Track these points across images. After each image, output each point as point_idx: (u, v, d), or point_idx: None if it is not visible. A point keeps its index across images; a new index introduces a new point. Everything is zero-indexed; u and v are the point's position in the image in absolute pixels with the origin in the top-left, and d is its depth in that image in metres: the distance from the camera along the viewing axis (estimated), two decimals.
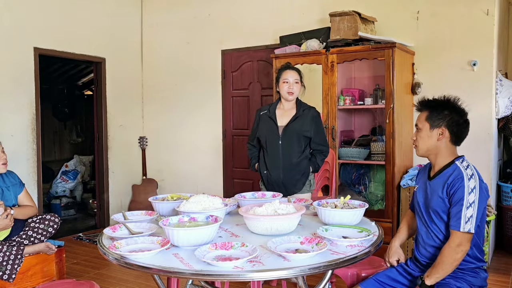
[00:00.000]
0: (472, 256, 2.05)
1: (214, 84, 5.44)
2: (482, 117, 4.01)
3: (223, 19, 5.35)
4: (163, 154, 5.90)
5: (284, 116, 3.23)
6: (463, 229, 1.92)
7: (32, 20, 4.70)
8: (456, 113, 2.07)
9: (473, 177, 1.99)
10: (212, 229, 1.94)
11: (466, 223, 1.92)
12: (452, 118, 2.06)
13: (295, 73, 3.18)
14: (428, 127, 2.09)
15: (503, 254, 4.31)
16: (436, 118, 2.07)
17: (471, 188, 1.96)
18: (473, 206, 1.94)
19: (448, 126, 2.06)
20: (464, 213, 1.93)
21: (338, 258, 1.81)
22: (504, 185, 4.29)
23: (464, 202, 1.94)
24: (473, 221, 1.92)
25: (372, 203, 4.17)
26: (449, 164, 2.08)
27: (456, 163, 2.06)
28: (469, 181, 1.97)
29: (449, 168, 2.07)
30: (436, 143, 2.09)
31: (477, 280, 2.05)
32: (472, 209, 1.93)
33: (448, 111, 2.07)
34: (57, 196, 6.51)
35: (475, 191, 1.95)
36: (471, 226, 1.92)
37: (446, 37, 4.13)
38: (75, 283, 2.48)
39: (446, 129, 2.06)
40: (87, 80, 7.89)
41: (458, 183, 1.98)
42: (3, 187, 3.14)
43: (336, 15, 4.09)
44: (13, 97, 4.54)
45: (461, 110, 2.09)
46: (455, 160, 2.08)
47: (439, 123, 2.06)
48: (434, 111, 2.08)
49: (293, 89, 3.15)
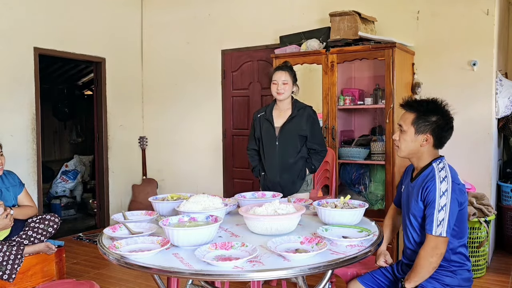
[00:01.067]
0: (448, 259, 2.03)
1: (214, 84, 5.44)
2: (482, 117, 4.02)
3: (223, 19, 5.34)
4: (163, 154, 5.90)
5: (280, 117, 3.24)
6: (435, 233, 1.91)
7: (32, 20, 4.70)
8: (443, 119, 2.03)
9: (445, 179, 1.96)
10: (212, 229, 1.94)
11: (438, 227, 1.91)
12: (439, 124, 2.02)
13: (284, 74, 3.19)
14: (413, 131, 2.05)
15: (503, 254, 4.31)
16: (423, 124, 2.03)
17: (442, 191, 1.93)
18: (444, 209, 1.91)
19: (433, 132, 2.03)
20: (436, 217, 1.91)
21: (338, 258, 1.81)
22: (504, 185, 4.29)
23: (435, 205, 1.93)
24: (444, 225, 1.90)
25: (372, 203, 4.16)
26: (427, 165, 2.07)
27: (433, 165, 2.04)
28: (441, 184, 1.95)
29: (426, 170, 2.06)
30: (419, 148, 2.07)
31: (454, 280, 2.03)
32: (444, 212, 1.91)
33: (435, 117, 2.03)
34: (57, 196, 6.51)
35: (447, 194, 1.93)
36: (442, 229, 1.90)
37: (446, 37, 4.13)
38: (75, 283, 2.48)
39: (431, 135, 2.03)
40: (87, 80, 7.89)
41: (430, 185, 1.97)
42: (2, 188, 3.14)
43: (336, 15, 4.09)
44: (13, 97, 4.54)
45: (448, 115, 2.06)
46: (433, 161, 2.06)
47: (425, 129, 2.03)
48: (422, 116, 2.04)
49: (282, 89, 3.17)
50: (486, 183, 4.02)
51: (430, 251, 1.92)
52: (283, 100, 3.22)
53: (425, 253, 1.93)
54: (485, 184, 4.02)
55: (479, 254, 3.74)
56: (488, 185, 4.04)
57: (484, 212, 3.73)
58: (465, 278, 2.07)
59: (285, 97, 3.20)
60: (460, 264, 2.05)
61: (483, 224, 3.69)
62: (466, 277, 2.07)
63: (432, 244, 1.92)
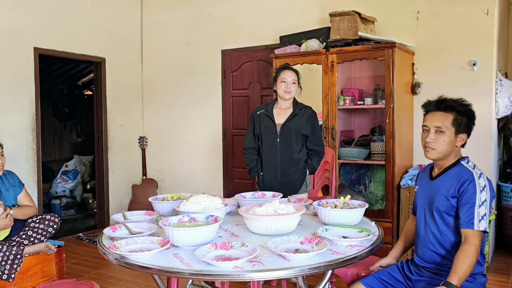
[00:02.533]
0: None
1: (214, 84, 5.44)
2: (482, 117, 4.01)
3: (223, 19, 5.34)
4: (163, 154, 5.90)
5: (281, 115, 3.24)
6: (478, 228, 1.89)
7: (32, 20, 4.69)
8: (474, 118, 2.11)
9: (482, 176, 1.99)
10: (212, 229, 1.94)
11: (480, 222, 1.90)
12: (471, 124, 2.10)
13: (293, 73, 3.21)
14: (453, 131, 2.05)
15: (503, 254, 4.31)
16: (462, 124, 2.06)
17: (482, 187, 1.95)
18: (485, 204, 1.93)
19: (468, 131, 2.10)
20: (477, 211, 1.91)
21: (338, 258, 1.81)
22: (504, 185, 4.29)
23: (476, 201, 1.92)
24: (486, 220, 1.91)
25: (372, 203, 4.16)
26: (454, 164, 2.08)
27: (462, 163, 2.07)
28: (479, 180, 1.97)
29: (453, 168, 2.07)
30: (454, 148, 2.08)
31: (473, 285, 2.01)
32: (484, 208, 1.92)
33: (467, 117, 2.08)
34: (57, 196, 6.51)
35: (486, 190, 1.95)
36: (486, 224, 1.90)
37: (446, 37, 4.13)
38: (75, 283, 2.48)
39: (467, 135, 2.09)
40: (87, 80, 7.89)
41: (467, 182, 1.97)
42: (2, 188, 3.14)
43: (336, 15, 4.09)
44: (13, 97, 4.54)
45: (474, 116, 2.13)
46: (460, 160, 2.09)
47: (464, 130, 2.07)
48: (460, 116, 2.06)
49: (290, 88, 3.17)
50: None
51: (474, 247, 1.87)
52: (289, 99, 3.22)
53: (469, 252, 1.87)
54: None
55: None
56: None
57: None
58: (482, 282, 2.06)
59: (291, 96, 3.21)
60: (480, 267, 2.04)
61: None
62: (483, 281, 2.06)
63: (475, 240, 1.89)
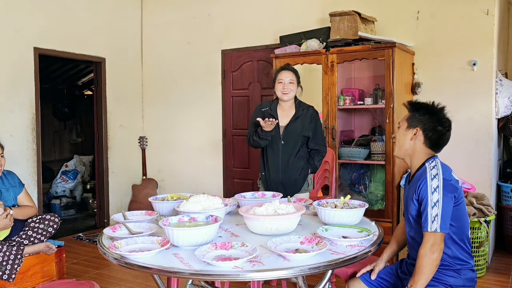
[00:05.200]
0: (451, 256, 2.03)
1: (214, 84, 5.44)
2: (482, 117, 4.02)
3: (223, 19, 5.34)
4: (163, 154, 5.90)
5: (284, 116, 3.23)
6: (431, 229, 1.92)
7: (32, 20, 4.69)
8: (437, 120, 2.09)
9: (436, 176, 1.99)
10: (212, 229, 1.94)
11: (432, 223, 1.92)
12: (431, 123, 2.09)
13: (290, 74, 3.18)
14: (406, 125, 2.14)
15: (503, 254, 4.31)
16: (415, 119, 2.12)
17: (433, 188, 1.96)
18: (437, 205, 1.93)
19: (424, 129, 2.09)
20: (429, 213, 1.93)
21: (338, 258, 1.81)
22: (504, 185, 4.28)
23: (428, 202, 1.95)
24: (438, 220, 1.91)
25: (372, 203, 4.16)
26: (421, 166, 2.11)
27: (426, 165, 2.08)
28: (432, 181, 1.98)
29: (420, 170, 2.10)
30: (409, 143, 2.12)
31: (458, 280, 2.03)
32: (437, 208, 1.93)
33: (429, 115, 2.10)
34: (57, 196, 6.51)
35: (438, 190, 1.95)
36: (437, 225, 1.91)
37: (446, 37, 4.13)
38: (75, 283, 2.48)
39: (421, 130, 2.09)
40: (87, 80, 7.89)
41: (422, 183, 2.00)
42: (2, 188, 3.14)
43: (336, 15, 4.09)
44: (13, 97, 4.54)
45: (443, 118, 2.11)
46: (426, 162, 2.09)
47: (416, 124, 2.11)
48: (416, 112, 2.13)
49: (288, 89, 3.15)
50: (486, 183, 4.02)
51: (430, 248, 1.92)
52: (288, 100, 3.21)
53: (425, 251, 1.93)
54: (485, 184, 4.02)
55: (479, 254, 3.74)
56: (488, 185, 4.04)
57: (484, 212, 3.73)
58: (469, 278, 2.06)
59: (290, 97, 3.19)
60: (463, 262, 2.05)
61: (483, 224, 3.69)
62: (470, 277, 2.07)
63: (430, 241, 1.92)
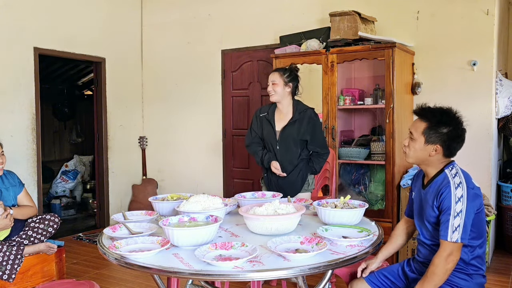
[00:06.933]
0: (467, 262, 2.01)
1: (214, 84, 5.44)
2: (482, 117, 4.02)
3: (223, 19, 5.34)
4: (163, 154, 5.90)
5: (281, 120, 3.21)
6: (451, 239, 1.89)
7: (32, 20, 4.69)
8: (454, 130, 2.00)
9: (460, 185, 1.95)
10: (212, 229, 1.94)
11: (453, 233, 1.89)
12: (449, 136, 2.00)
13: (273, 75, 3.18)
14: (423, 140, 2.02)
15: (503, 254, 4.31)
16: (434, 135, 2.00)
17: (458, 197, 1.92)
18: (460, 215, 1.90)
19: (444, 143, 2.00)
20: (451, 223, 1.89)
21: (338, 258, 1.81)
22: (504, 185, 4.28)
23: (451, 212, 1.91)
24: (460, 230, 1.88)
25: (372, 203, 4.16)
26: (439, 172, 2.05)
27: (445, 171, 2.03)
28: (456, 190, 1.93)
29: (439, 177, 2.04)
30: (427, 157, 2.05)
31: (470, 284, 2.01)
32: (459, 219, 1.89)
33: (447, 128, 1.99)
34: (57, 196, 6.51)
35: (462, 200, 1.91)
36: (458, 236, 1.88)
37: (446, 37, 4.13)
38: (75, 283, 2.47)
39: (441, 146, 2.01)
40: (87, 80, 7.89)
41: (445, 192, 1.95)
42: (2, 188, 3.13)
43: (336, 15, 4.09)
44: (13, 97, 4.54)
45: (460, 128, 2.02)
46: (445, 168, 2.04)
47: (435, 140, 2.00)
48: (433, 126, 2.01)
49: (272, 90, 3.15)
50: (486, 183, 4.02)
51: (446, 257, 1.89)
52: (277, 101, 3.19)
53: (440, 260, 1.89)
54: (485, 184, 4.01)
55: None
56: (488, 185, 4.04)
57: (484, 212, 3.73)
58: (479, 283, 2.05)
59: (275, 99, 3.17)
60: (477, 269, 2.03)
61: None
62: (480, 282, 2.05)
63: (448, 251, 1.89)
